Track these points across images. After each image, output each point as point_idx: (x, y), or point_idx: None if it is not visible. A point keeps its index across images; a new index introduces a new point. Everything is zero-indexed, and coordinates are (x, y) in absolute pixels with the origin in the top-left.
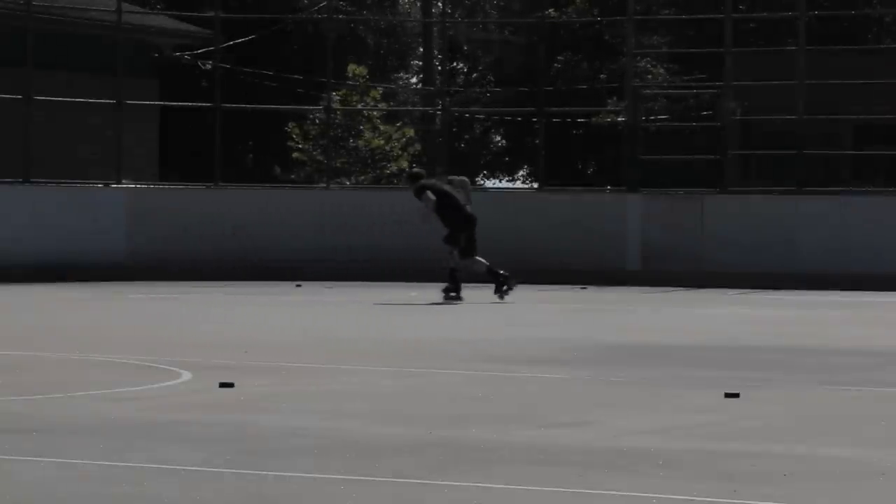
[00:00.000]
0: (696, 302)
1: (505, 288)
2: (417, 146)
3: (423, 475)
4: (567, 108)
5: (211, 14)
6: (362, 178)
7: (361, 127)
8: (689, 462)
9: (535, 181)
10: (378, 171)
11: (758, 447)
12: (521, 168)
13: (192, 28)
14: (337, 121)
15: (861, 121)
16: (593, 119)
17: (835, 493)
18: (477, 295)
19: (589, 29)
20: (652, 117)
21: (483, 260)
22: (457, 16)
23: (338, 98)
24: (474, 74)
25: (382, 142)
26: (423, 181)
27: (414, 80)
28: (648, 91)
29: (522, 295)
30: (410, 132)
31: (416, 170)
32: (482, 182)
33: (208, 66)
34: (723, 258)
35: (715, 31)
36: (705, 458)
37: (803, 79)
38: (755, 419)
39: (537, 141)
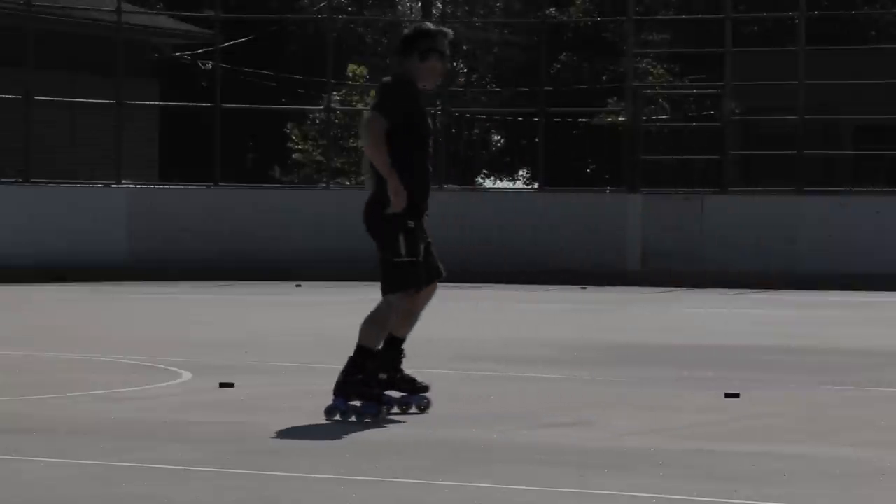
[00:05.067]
0: (696, 302)
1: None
2: None
3: (423, 475)
4: (567, 108)
5: (211, 14)
6: (362, 178)
7: None
8: (689, 462)
9: (535, 181)
10: None
11: (758, 447)
12: (521, 168)
13: (192, 28)
14: (337, 121)
15: (861, 121)
16: (593, 119)
17: (835, 493)
18: (477, 295)
19: (589, 29)
20: (652, 117)
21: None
22: (458, 15)
23: (338, 98)
24: (474, 75)
25: None
26: None
27: None
28: (648, 91)
29: (523, 295)
30: None
31: None
32: (482, 182)
33: (208, 66)
34: (723, 258)
35: (715, 31)
36: (705, 458)
37: (803, 79)
38: (755, 419)
39: (537, 141)
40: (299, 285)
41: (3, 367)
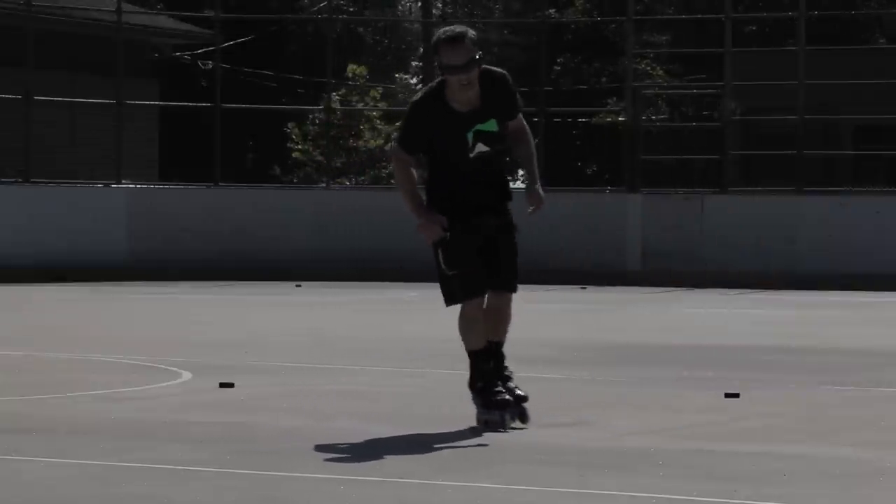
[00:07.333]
0: (696, 302)
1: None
2: None
3: (424, 475)
4: (567, 108)
5: (211, 14)
6: (362, 178)
7: (361, 127)
8: (689, 462)
9: None
10: (378, 171)
11: (758, 447)
12: (521, 168)
13: (192, 28)
14: (337, 121)
15: (861, 121)
16: (593, 119)
17: (835, 493)
18: None
19: (589, 29)
20: (652, 117)
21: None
22: (458, 15)
23: (338, 98)
24: None
25: (382, 142)
26: None
27: (414, 80)
28: (648, 91)
29: (522, 295)
30: None
31: None
32: None
33: (208, 66)
34: (723, 258)
35: (715, 31)
36: (705, 458)
37: (803, 79)
38: (755, 419)
39: (537, 141)
40: (299, 285)
41: (3, 367)
